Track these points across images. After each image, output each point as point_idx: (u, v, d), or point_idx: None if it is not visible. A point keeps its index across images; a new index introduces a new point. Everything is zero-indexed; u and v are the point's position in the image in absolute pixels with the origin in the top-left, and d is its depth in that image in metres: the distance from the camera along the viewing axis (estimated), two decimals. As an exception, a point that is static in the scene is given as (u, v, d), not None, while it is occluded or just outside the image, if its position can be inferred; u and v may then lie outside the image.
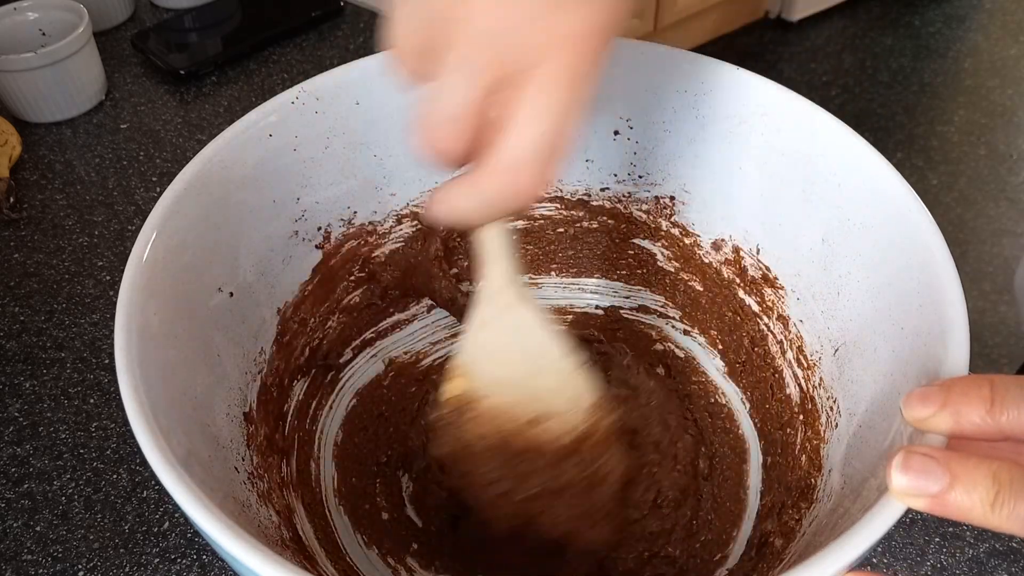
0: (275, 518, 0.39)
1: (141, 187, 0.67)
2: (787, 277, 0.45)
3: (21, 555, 0.47)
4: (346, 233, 0.48)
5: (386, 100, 0.45)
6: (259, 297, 0.43)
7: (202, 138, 0.71)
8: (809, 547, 0.35)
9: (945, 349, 0.32)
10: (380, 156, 0.47)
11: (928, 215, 0.37)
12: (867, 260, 0.39)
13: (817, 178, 0.42)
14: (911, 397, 0.29)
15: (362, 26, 0.81)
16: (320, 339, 0.48)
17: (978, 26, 2.19)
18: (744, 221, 0.46)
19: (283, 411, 0.45)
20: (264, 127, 0.42)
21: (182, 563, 0.46)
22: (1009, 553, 0.45)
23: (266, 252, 0.44)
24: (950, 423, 0.28)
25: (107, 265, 0.61)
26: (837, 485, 0.37)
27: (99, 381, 0.54)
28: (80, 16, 0.71)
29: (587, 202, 0.50)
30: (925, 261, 0.35)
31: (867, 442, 0.36)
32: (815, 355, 0.43)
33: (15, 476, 0.50)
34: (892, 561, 0.45)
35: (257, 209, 0.42)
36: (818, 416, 0.42)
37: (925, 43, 2.12)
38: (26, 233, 0.63)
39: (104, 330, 0.57)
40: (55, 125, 0.72)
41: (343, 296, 0.49)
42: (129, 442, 0.51)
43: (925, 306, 0.34)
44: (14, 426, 0.52)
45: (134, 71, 0.77)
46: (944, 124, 1.90)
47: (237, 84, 0.76)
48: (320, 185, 0.45)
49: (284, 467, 0.43)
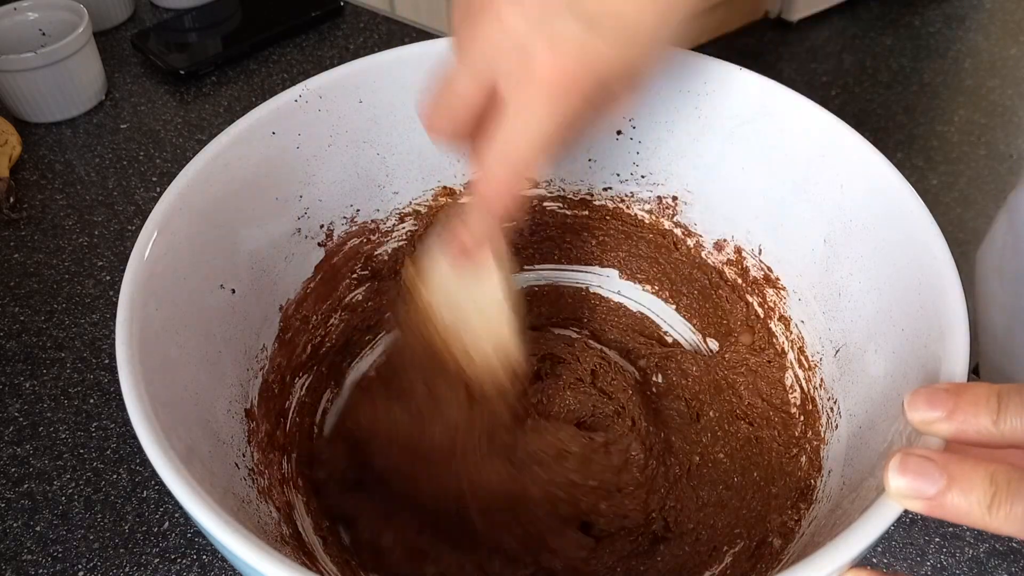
0: (275, 514, 0.39)
1: (141, 187, 0.67)
2: (789, 278, 0.45)
3: (21, 555, 0.47)
4: (348, 231, 0.48)
5: (389, 98, 0.45)
6: (261, 294, 0.43)
7: (202, 138, 0.71)
8: (808, 548, 0.35)
9: (945, 349, 0.32)
10: (383, 154, 0.47)
11: (929, 215, 0.37)
12: (868, 261, 0.39)
13: (819, 178, 0.42)
14: (917, 398, 0.29)
15: (362, 26, 0.81)
16: (322, 336, 0.48)
17: (978, 26, 2.19)
18: (746, 221, 0.46)
19: (284, 408, 0.45)
20: (267, 125, 0.42)
21: (182, 563, 0.46)
22: (1009, 553, 0.45)
23: (268, 250, 0.44)
24: (954, 429, 0.28)
25: (107, 265, 0.61)
26: (836, 486, 0.37)
27: (99, 381, 0.54)
28: (80, 16, 0.71)
29: (589, 201, 0.50)
30: (925, 261, 0.35)
31: (867, 443, 0.36)
32: (816, 356, 0.43)
33: (15, 476, 0.50)
34: (892, 561, 0.45)
35: (259, 207, 0.43)
36: (818, 417, 0.42)
37: (925, 43, 2.12)
38: (26, 233, 0.63)
39: (104, 330, 0.57)
40: (55, 125, 0.72)
41: (345, 293, 0.49)
42: (129, 442, 0.51)
43: (925, 306, 0.34)
44: (14, 426, 0.52)
45: (134, 71, 0.77)
46: (944, 124, 1.90)
47: (237, 84, 0.76)
48: (323, 183, 0.45)
49: (285, 464, 0.43)
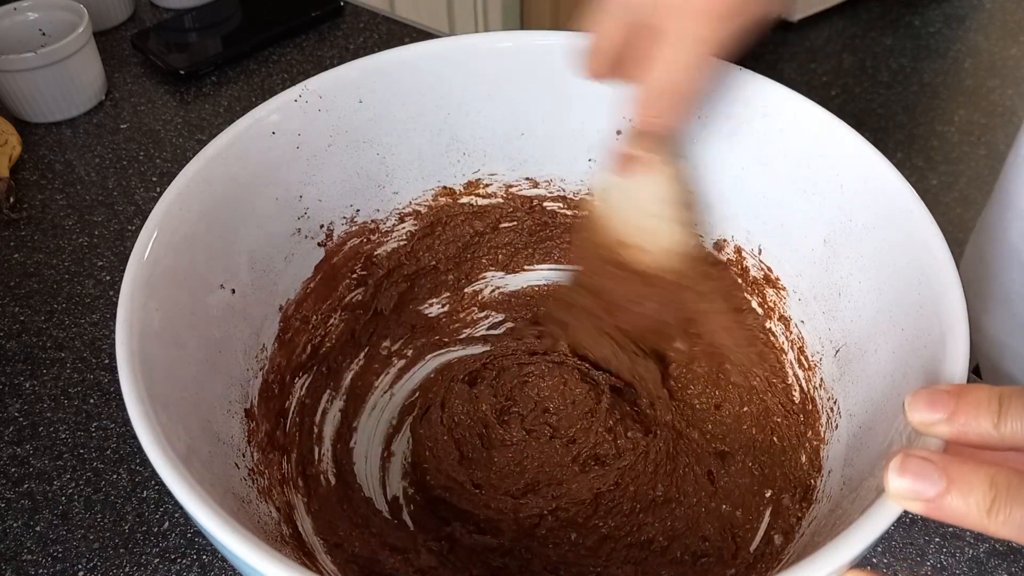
0: (275, 514, 0.39)
1: (141, 187, 0.67)
2: (789, 278, 0.45)
3: (21, 555, 0.47)
4: (348, 231, 0.48)
5: (389, 98, 0.45)
6: (261, 294, 0.43)
7: (202, 138, 0.71)
8: (808, 548, 0.35)
9: (945, 350, 0.32)
10: (382, 154, 0.47)
11: (929, 215, 0.37)
12: (868, 261, 0.39)
13: (819, 178, 0.42)
14: (917, 399, 0.28)
15: (362, 26, 0.81)
16: (322, 336, 0.48)
17: (978, 26, 2.19)
18: (746, 221, 0.46)
19: (284, 408, 0.45)
20: (267, 125, 0.42)
21: (182, 563, 0.46)
22: (1009, 553, 0.45)
23: (268, 250, 0.44)
24: (954, 431, 0.28)
25: (107, 265, 0.61)
26: (836, 486, 0.37)
27: (99, 381, 0.54)
28: (80, 16, 0.71)
29: (590, 202, 0.50)
30: (925, 261, 0.35)
31: (867, 443, 0.36)
32: (816, 356, 0.43)
33: (15, 476, 0.50)
34: (892, 561, 0.45)
35: (259, 206, 0.43)
36: (818, 417, 0.42)
37: (925, 43, 2.12)
38: (26, 233, 0.63)
39: (104, 330, 0.57)
40: (55, 125, 0.72)
41: (345, 294, 0.49)
42: (129, 442, 0.51)
43: (925, 307, 0.34)
44: (14, 426, 0.52)
45: (134, 71, 0.77)
46: (944, 124, 1.90)
47: (237, 84, 0.76)
48: (323, 183, 0.45)
49: (285, 463, 0.43)
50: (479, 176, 0.50)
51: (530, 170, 0.50)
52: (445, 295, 0.53)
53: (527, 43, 0.46)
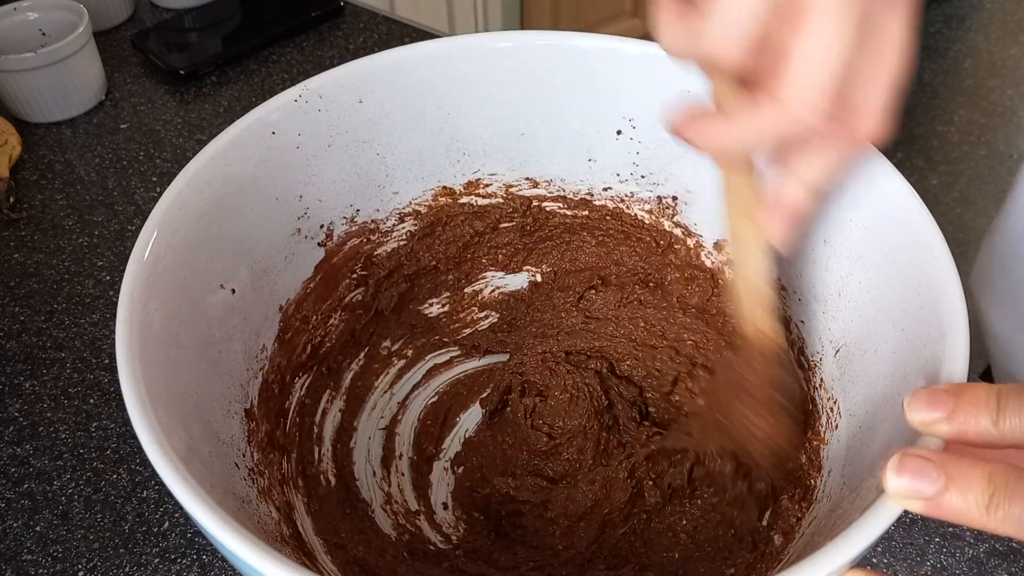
0: (275, 514, 0.39)
1: (141, 187, 0.67)
2: (789, 278, 0.45)
3: (21, 555, 0.47)
4: (348, 231, 0.48)
5: (389, 98, 0.45)
6: (261, 294, 0.43)
7: (202, 138, 0.71)
8: (808, 547, 0.35)
9: (945, 349, 0.32)
10: (382, 154, 0.47)
11: (929, 215, 0.36)
12: (868, 261, 0.39)
13: (818, 178, 0.41)
14: (917, 399, 0.28)
15: (362, 26, 0.81)
16: (322, 336, 0.48)
17: (978, 26, 2.19)
18: (745, 221, 0.46)
19: (284, 408, 0.45)
20: (267, 125, 0.42)
21: (182, 563, 0.46)
22: (1009, 553, 0.45)
23: (268, 250, 0.44)
24: (954, 430, 0.28)
25: (107, 265, 0.61)
26: (836, 486, 0.37)
27: (99, 381, 0.54)
28: (80, 16, 0.71)
29: (589, 201, 0.50)
30: (925, 261, 0.35)
31: (866, 443, 0.36)
32: (816, 356, 0.43)
33: (15, 476, 0.50)
34: (892, 561, 0.45)
35: (259, 207, 0.43)
36: (818, 417, 0.42)
37: (925, 43, 2.12)
38: (26, 233, 0.63)
39: (104, 330, 0.57)
40: (55, 125, 0.72)
41: (345, 294, 0.49)
42: (129, 442, 0.51)
43: (925, 307, 0.34)
44: (14, 426, 0.52)
45: (134, 71, 0.77)
46: (944, 124, 1.90)
47: (237, 84, 0.76)
48: (322, 183, 0.45)
49: (285, 464, 0.43)
50: (479, 176, 0.50)
51: (530, 170, 0.50)
52: (445, 295, 0.53)
53: (527, 43, 0.46)
